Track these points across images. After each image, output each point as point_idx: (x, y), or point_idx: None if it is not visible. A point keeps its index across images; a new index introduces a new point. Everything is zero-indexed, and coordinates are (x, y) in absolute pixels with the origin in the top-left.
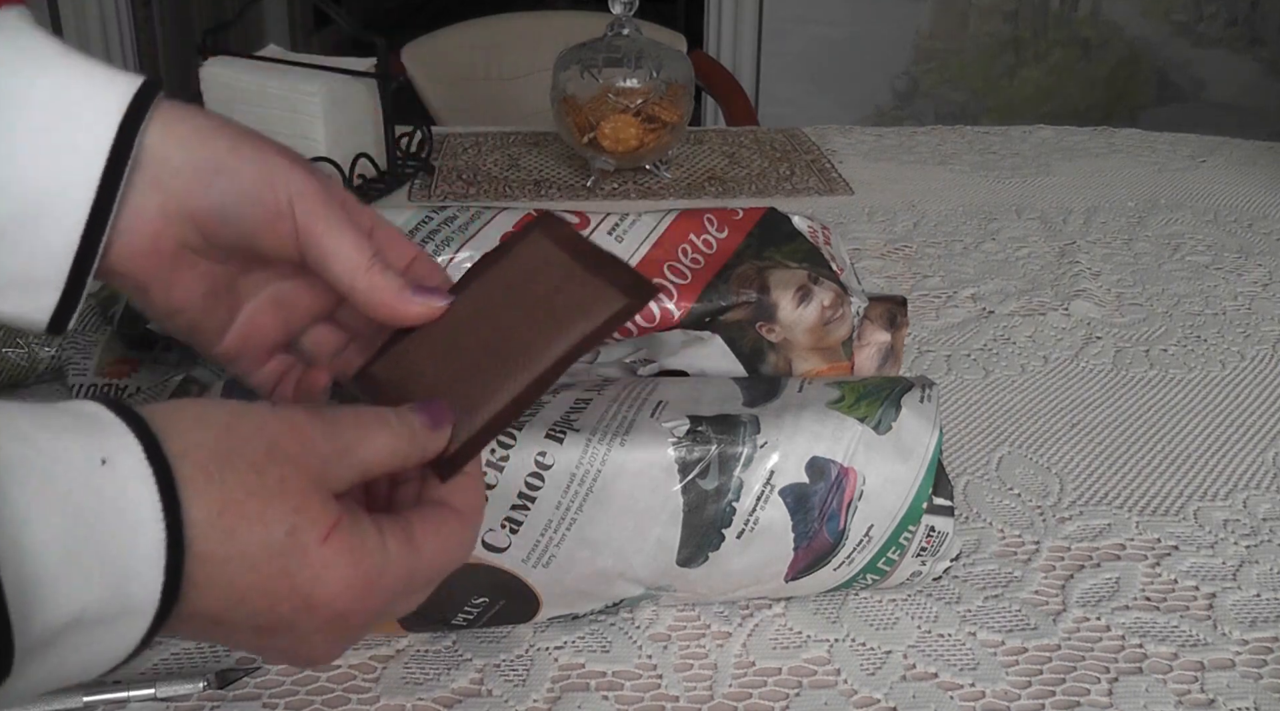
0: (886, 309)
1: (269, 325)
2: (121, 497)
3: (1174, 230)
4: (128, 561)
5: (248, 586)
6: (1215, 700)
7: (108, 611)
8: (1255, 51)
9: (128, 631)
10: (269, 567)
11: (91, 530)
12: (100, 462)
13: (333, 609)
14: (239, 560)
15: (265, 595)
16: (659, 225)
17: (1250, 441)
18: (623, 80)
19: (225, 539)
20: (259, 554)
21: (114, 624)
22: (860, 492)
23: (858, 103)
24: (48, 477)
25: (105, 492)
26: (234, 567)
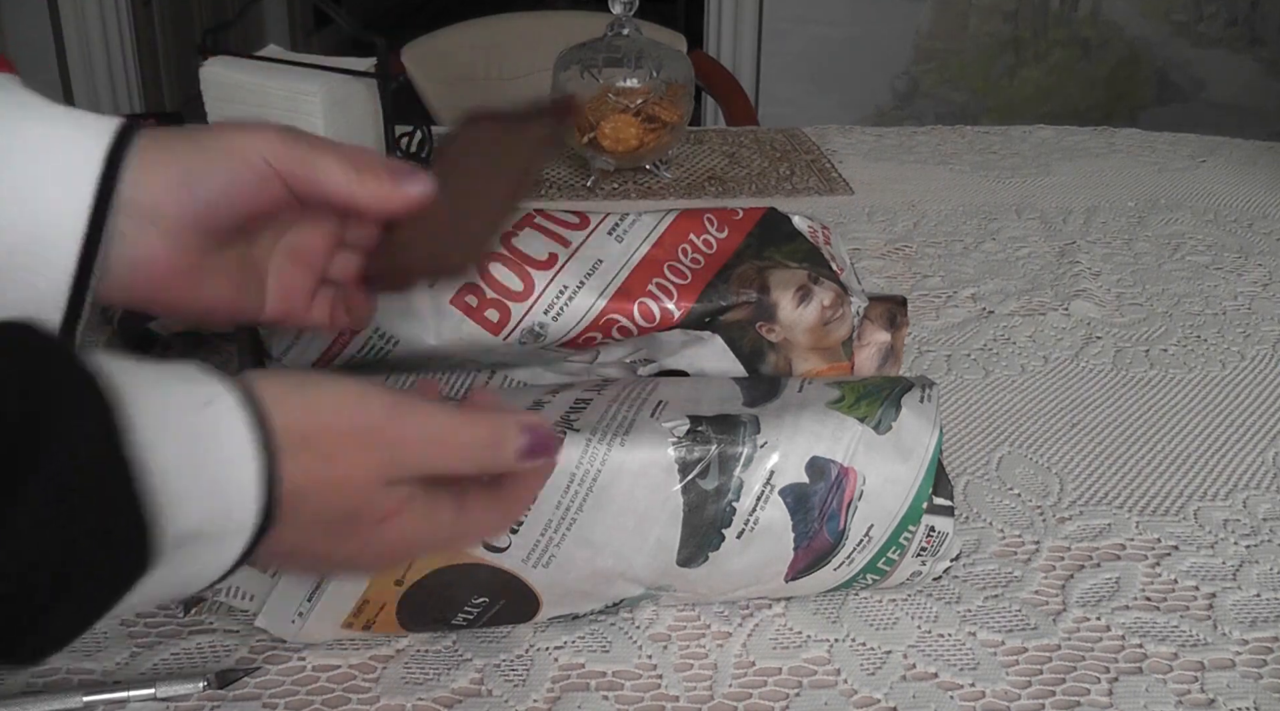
0: (886, 309)
1: (297, 276)
2: (224, 432)
3: (1174, 230)
4: (232, 488)
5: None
6: (1215, 700)
7: (217, 528)
8: (1255, 51)
9: (230, 548)
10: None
11: (202, 459)
12: (206, 403)
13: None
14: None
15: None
16: (659, 225)
17: (1250, 441)
18: (623, 80)
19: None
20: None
21: (221, 541)
22: (860, 492)
23: (858, 103)
24: (164, 414)
25: (210, 428)
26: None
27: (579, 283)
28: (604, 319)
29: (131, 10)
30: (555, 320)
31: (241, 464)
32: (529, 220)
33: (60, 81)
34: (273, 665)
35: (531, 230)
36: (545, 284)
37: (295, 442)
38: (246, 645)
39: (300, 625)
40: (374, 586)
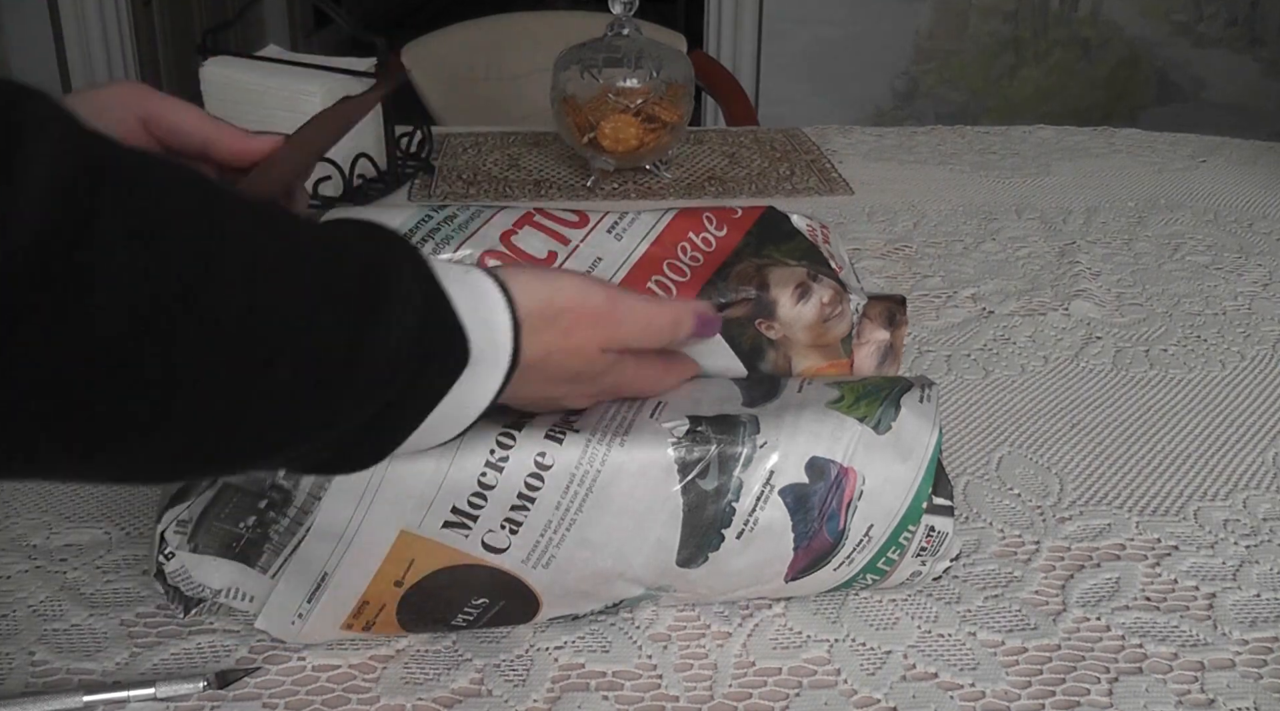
0: (886, 307)
1: None
2: (484, 289)
3: (1174, 230)
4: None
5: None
6: (1215, 700)
7: (488, 358)
8: (1255, 51)
9: (496, 376)
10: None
11: (476, 303)
12: (466, 271)
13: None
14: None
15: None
16: (658, 223)
17: (1250, 441)
18: (623, 80)
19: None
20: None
21: (491, 368)
22: (860, 492)
23: (858, 103)
24: (448, 272)
25: (476, 285)
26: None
27: None
28: None
29: (131, 10)
30: None
31: (500, 312)
32: (529, 219)
33: (60, 81)
34: (273, 665)
35: (531, 228)
36: None
37: (540, 322)
38: (246, 645)
39: (300, 626)
40: (374, 587)
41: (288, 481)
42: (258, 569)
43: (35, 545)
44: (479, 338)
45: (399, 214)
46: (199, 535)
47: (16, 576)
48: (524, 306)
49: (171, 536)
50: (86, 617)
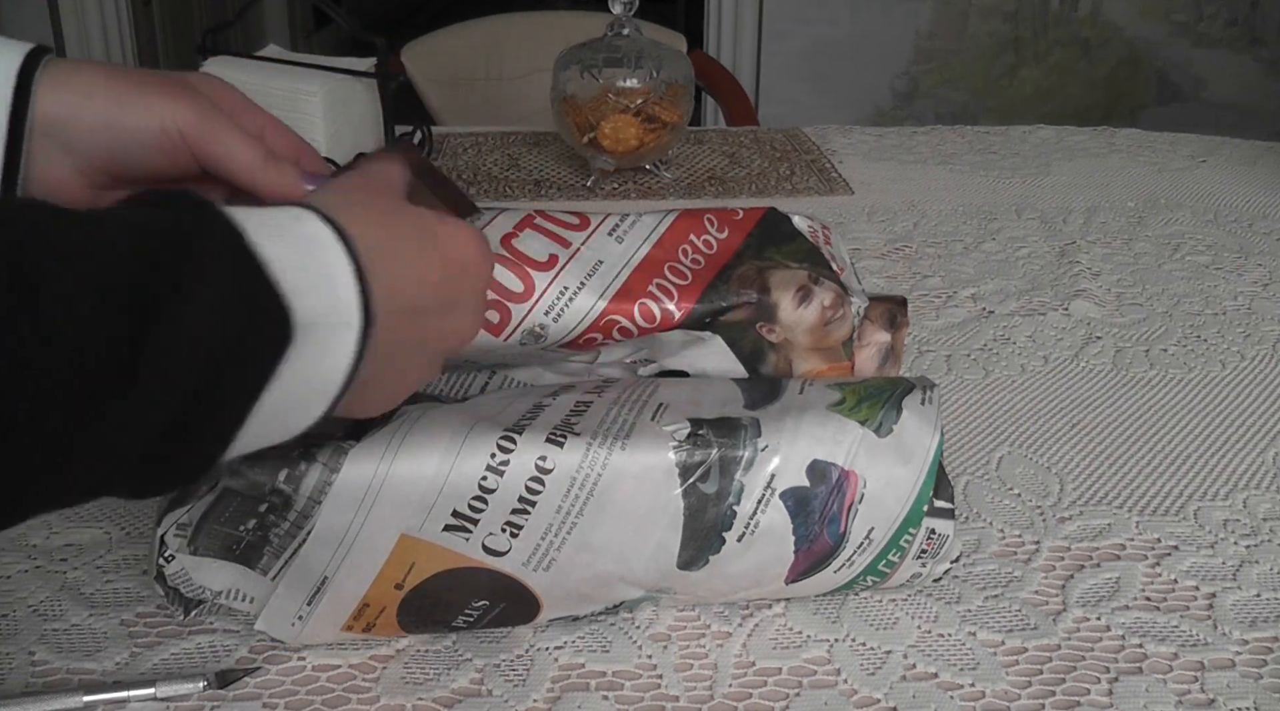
0: (887, 309)
1: None
2: (316, 238)
3: (1174, 230)
4: (335, 281)
5: (419, 273)
6: (1215, 700)
7: (331, 319)
8: (1255, 51)
9: (347, 339)
10: (423, 254)
11: (307, 257)
12: (295, 218)
13: (475, 262)
14: (403, 257)
15: (432, 271)
16: (659, 225)
17: (1250, 441)
18: (623, 80)
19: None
20: (412, 247)
21: (338, 332)
22: (861, 495)
23: (858, 103)
24: (266, 225)
25: (305, 235)
26: (403, 265)
27: (579, 284)
28: (604, 320)
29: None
30: (556, 321)
31: (339, 263)
32: (529, 221)
33: None
34: (273, 665)
35: (531, 231)
36: (546, 285)
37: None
38: (246, 645)
39: (300, 628)
40: (374, 590)
41: (288, 485)
42: (258, 571)
43: (35, 545)
44: (313, 301)
45: None
46: (199, 538)
47: (16, 576)
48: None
49: (171, 539)
50: (86, 617)
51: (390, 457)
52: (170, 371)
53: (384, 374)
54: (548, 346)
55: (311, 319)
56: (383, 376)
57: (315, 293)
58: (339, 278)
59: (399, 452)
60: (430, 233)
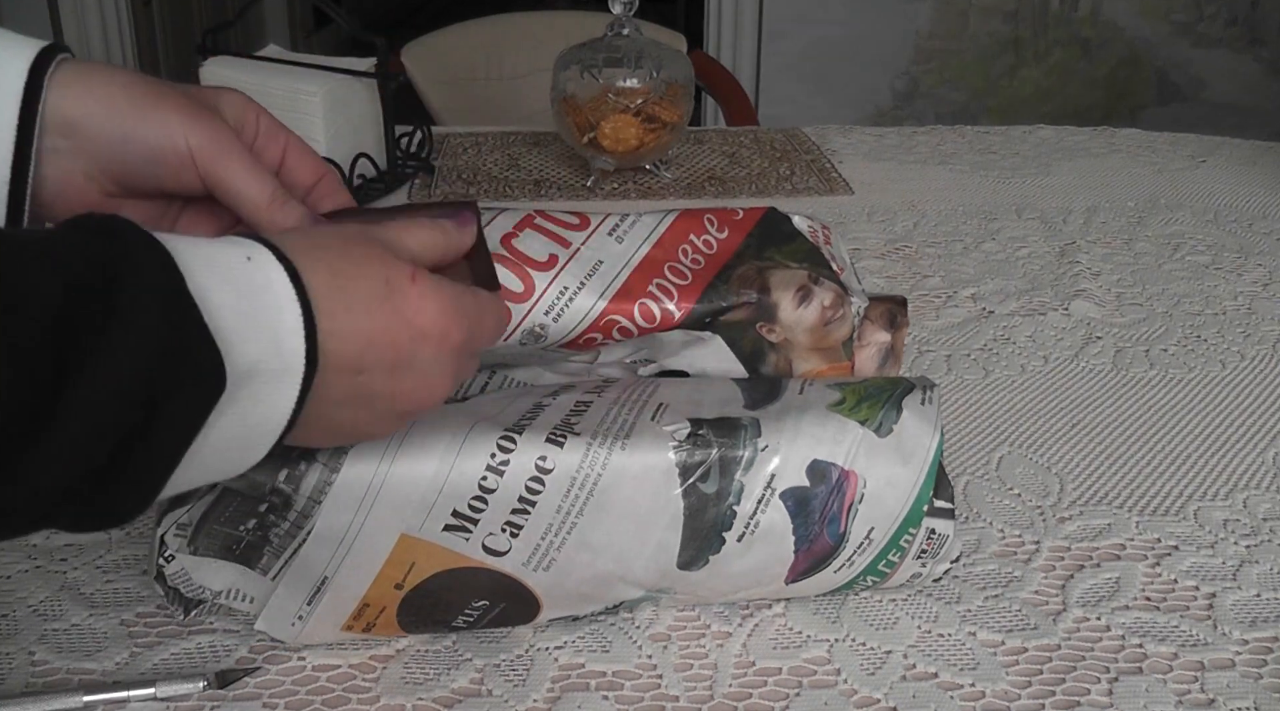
0: (887, 309)
1: (206, 225)
2: (265, 281)
3: (1174, 230)
4: (279, 327)
5: (371, 330)
6: (1215, 700)
7: (272, 366)
8: (1255, 51)
9: (289, 387)
10: (381, 311)
11: (251, 302)
12: (246, 259)
13: (439, 329)
14: (358, 310)
15: (386, 332)
16: (659, 225)
17: (1250, 441)
18: (623, 80)
19: (341, 297)
20: (369, 302)
21: (279, 379)
22: (861, 495)
23: (858, 103)
24: (213, 265)
25: (255, 279)
26: (355, 316)
27: (579, 284)
28: (604, 320)
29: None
30: (556, 321)
31: (287, 308)
32: (529, 221)
33: None
34: (273, 665)
35: (532, 231)
36: (546, 285)
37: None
38: (246, 645)
39: (300, 628)
40: (374, 590)
41: (288, 485)
42: (258, 571)
43: (35, 545)
44: (254, 348)
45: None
46: (199, 538)
47: (16, 576)
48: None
49: (171, 539)
50: (86, 617)
51: (390, 457)
52: (91, 417)
53: (332, 418)
54: (548, 346)
55: (250, 365)
56: (330, 419)
57: (257, 339)
58: (285, 324)
59: (399, 453)
60: (395, 290)
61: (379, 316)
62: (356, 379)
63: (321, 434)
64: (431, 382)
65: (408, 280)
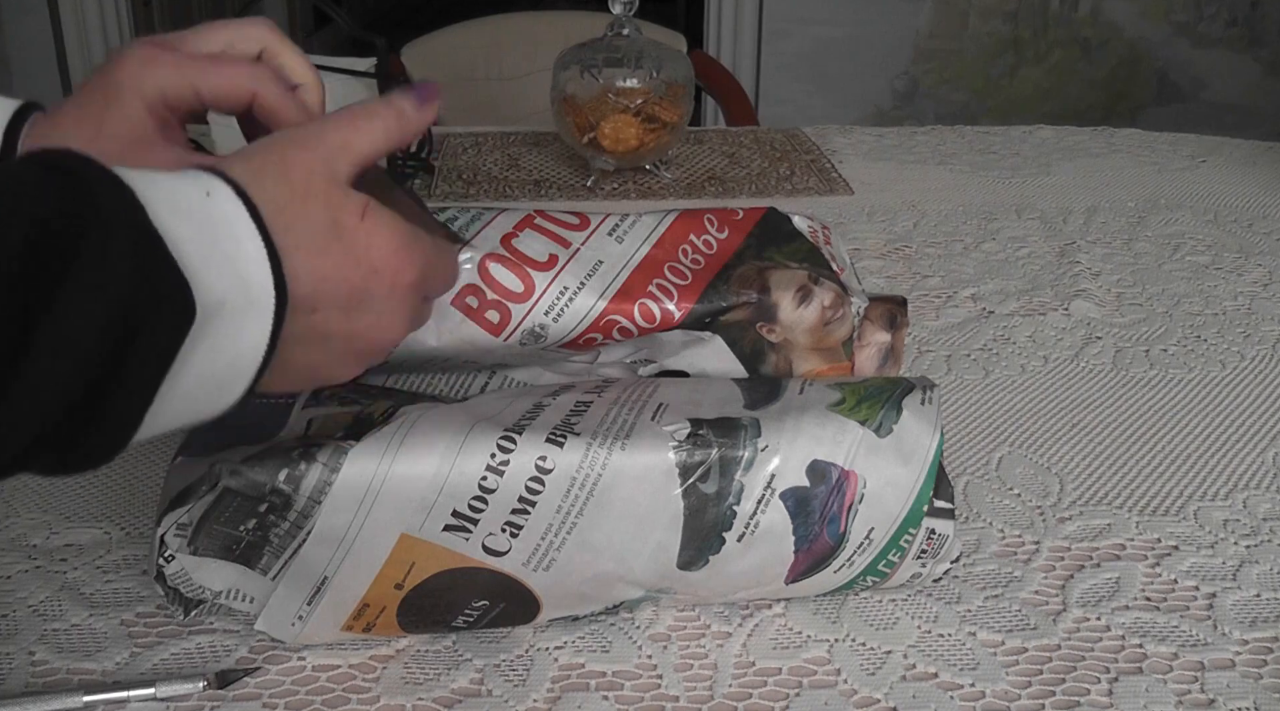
0: (887, 309)
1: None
2: (225, 216)
3: (1174, 230)
4: (244, 261)
5: (323, 267)
6: (1215, 700)
7: (240, 301)
8: (1255, 51)
9: (258, 321)
10: (332, 249)
11: (214, 237)
12: (205, 194)
13: (391, 267)
14: (307, 247)
15: (338, 269)
16: (659, 225)
17: (1250, 441)
18: (623, 80)
19: (289, 234)
20: (319, 240)
21: (247, 314)
22: (861, 495)
23: (858, 103)
24: (174, 200)
25: (214, 213)
26: (305, 254)
27: (579, 284)
28: (604, 320)
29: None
30: (556, 321)
31: (248, 240)
32: (529, 221)
33: (60, 81)
34: (273, 665)
35: (532, 231)
36: (546, 285)
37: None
38: (246, 645)
39: (300, 628)
40: (374, 590)
41: (288, 485)
42: (258, 571)
43: (35, 545)
44: (220, 280)
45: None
46: (199, 538)
47: (16, 576)
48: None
49: (171, 539)
50: (86, 617)
51: (390, 457)
52: (64, 352)
53: (290, 358)
54: (548, 346)
55: (218, 299)
56: (288, 360)
57: (222, 273)
58: (249, 257)
59: (399, 452)
60: (343, 227)
61: (330, 254)
62: (311, 317)
63: (280, 375)
64: (386, 321)
65: (356, 218)
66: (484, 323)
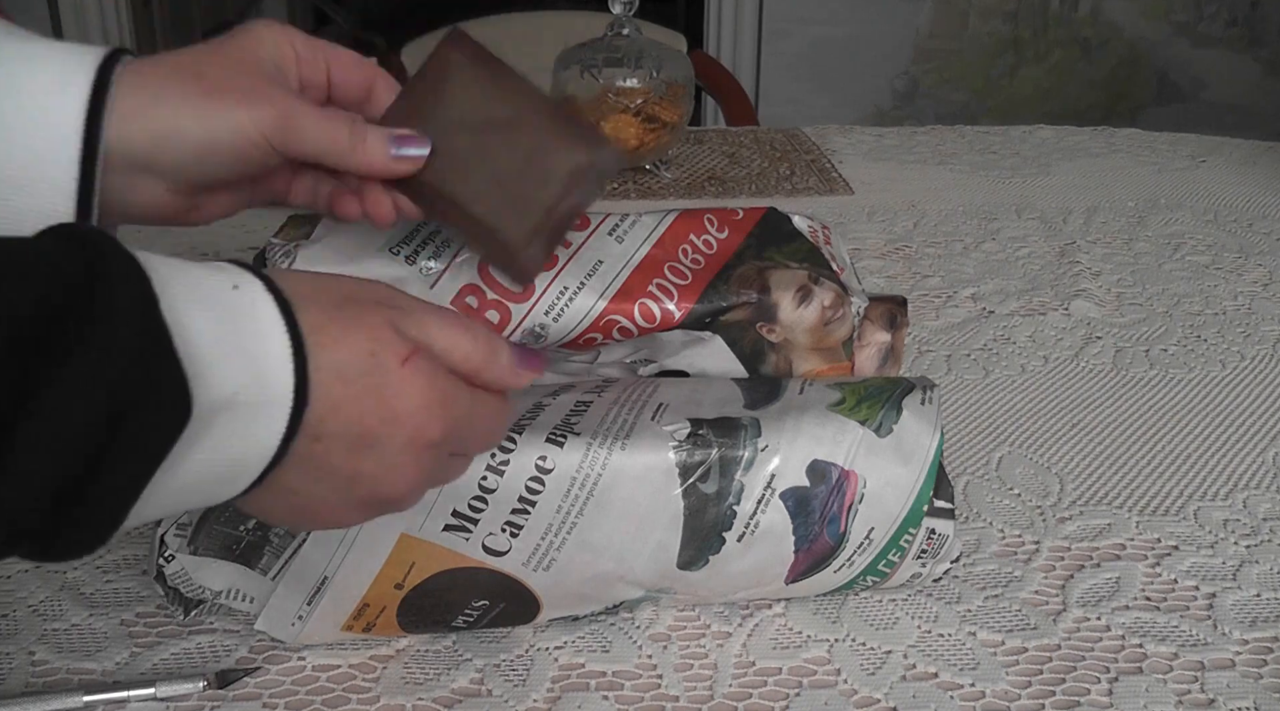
0: (887, 309)
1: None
2: (252, 310)
3: (1174, 230)
4: (265, 357)
5: (341, 396)
6: (1215, 700)
7: (253, 397)
8: (1255, 51)
9: (270, 423)
10: (358, 382)
11: (234, 329)
12: (233, 287)
13: (414, 422)
14: (331, 369)
15: (356, 404)
16: (659, 225)
17: (1250, 441)
18: (623, 80)
19: (322, 349)
20: (348, 368)
21: (259, 412)
22: (861, 495)
23: (858, 103)
24: (195, 289)
25: (239, 305)
26: (328, 376)
27: (579, 283)
28: (604, 320)
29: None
30: (556, 321)
31: (273, 336)
32: None
33: None
34: (273, 665)
35: None
36: (546, 285)
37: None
38: (246, 645)
39: (300, 628)
40: (374, 590)
41: None
42: (258, 571)
43: None
44: (232, 374)
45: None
46: (199, 538)
47: (16, 576)
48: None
49: (171, 539)
50: (86, 617)
51: None
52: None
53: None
54: (548, 346)
55: (229, 395)
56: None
57: (237, 367)
58: (272, 354)
59: None
60: (380, 364)
61: (353, 386)
62: (313, 445)
63: (275, 500)
64: (395, 475)
65: (397, 359)
66: (484, 323)
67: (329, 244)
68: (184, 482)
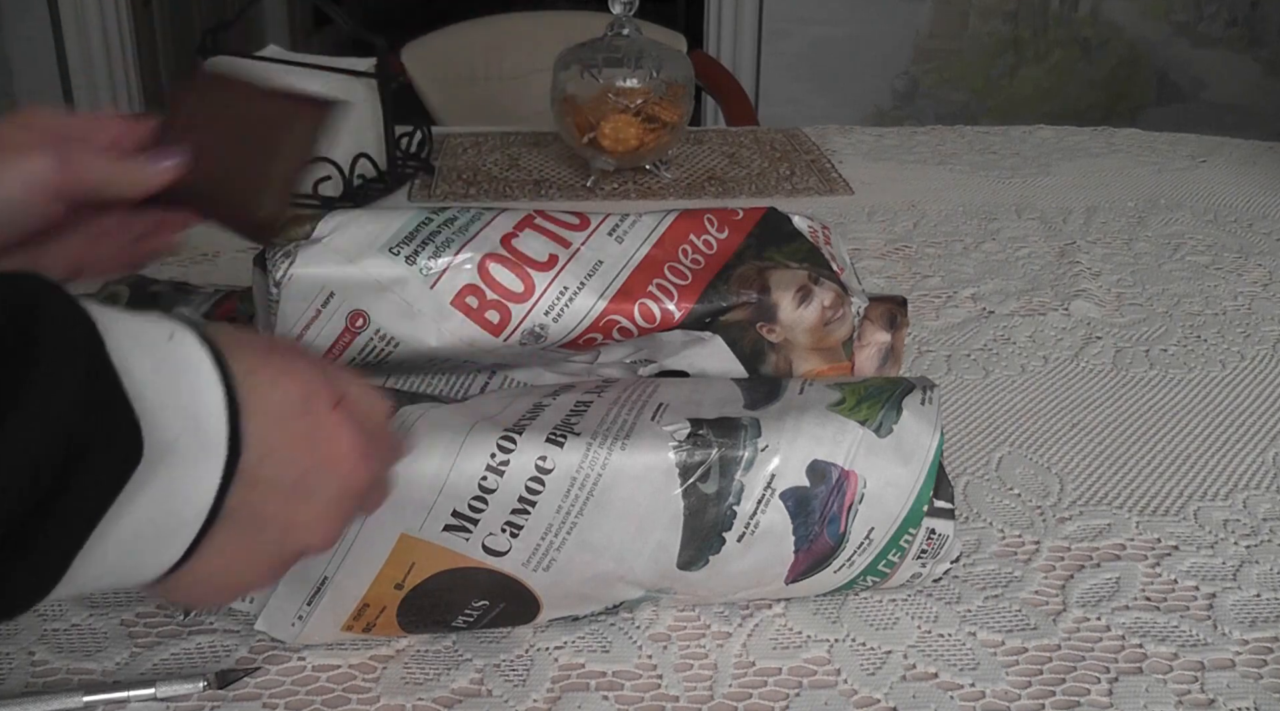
0: (887, 309)
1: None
2: (188, 360)
3: (1174, 230)
4: (200, 405)
5: (278, 440)
6: (1215, 700)
7: (192, 446)
8: (1255, 51)
9: (208, 471)
10: (293, 426)
11: (173, 379)
12: (169, 337)
13: (347, 466)
14: (265, 414)
15: (291, 448)
16: (659, 225)
17: (1250, 441)
18: (623, 80)
19: (255, 395)
20: (283, 412)
21: (197, 459)
22: (861, 495)
23: (858, 103)
24: (136, 339)
25: (176, 356)
26: (262, 422)
27: (579, 284)
28: (604, 320)
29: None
30: (556, 321)
31: (208, 385)
32: (529, 221)
33: (60, 81)
34: (273, 665)
35: (532, 231)
36: (546, 285)
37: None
38: (246, 645)
39: (300, 628)
40: (374, 590)
41: None
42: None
43: None
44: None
45: (398, 217)
46: None
47: None
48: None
49: None
50: (86, 617)
51: None
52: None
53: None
54: (548, 346)
55: (170, 441)
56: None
57: (177, 415)
58: (206, 403)
59: None
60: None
61: (289, 430)
62: (249, 494)
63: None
64: (324, 525)
65: (328, 404)
66: (484, 323)
67: (329, 244)
68: (124, 535)
